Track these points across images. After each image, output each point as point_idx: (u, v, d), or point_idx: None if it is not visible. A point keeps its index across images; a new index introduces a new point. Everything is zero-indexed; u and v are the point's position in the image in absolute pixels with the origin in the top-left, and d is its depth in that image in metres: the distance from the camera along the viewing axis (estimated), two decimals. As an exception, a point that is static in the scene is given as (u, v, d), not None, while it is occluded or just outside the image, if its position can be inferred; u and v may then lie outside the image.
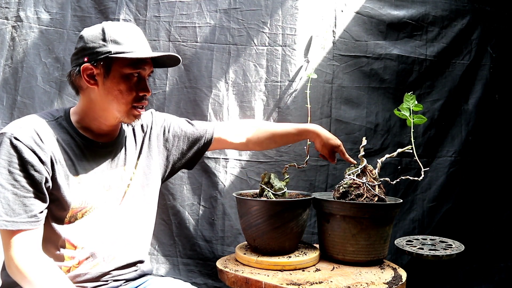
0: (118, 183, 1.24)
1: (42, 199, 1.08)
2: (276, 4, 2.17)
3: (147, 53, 1.17)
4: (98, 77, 1.13)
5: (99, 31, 1.13)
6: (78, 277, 1.15)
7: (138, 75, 1.17)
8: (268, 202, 1.52)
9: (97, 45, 1.12)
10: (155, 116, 1.41)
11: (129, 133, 1.32)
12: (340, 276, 1.43)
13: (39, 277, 1.03)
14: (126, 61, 1.13)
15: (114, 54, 1.11)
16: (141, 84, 1.18)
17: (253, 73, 2.17)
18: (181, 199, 2.14)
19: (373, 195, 1.55)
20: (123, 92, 1.14)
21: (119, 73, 1.13)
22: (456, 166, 2.28)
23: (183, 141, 1.43)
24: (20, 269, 1.02)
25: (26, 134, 1.06)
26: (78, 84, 1.17)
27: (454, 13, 2.29)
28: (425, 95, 2.28)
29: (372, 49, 2.23)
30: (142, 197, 1.30)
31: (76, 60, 1.15)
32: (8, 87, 2.03)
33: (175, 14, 2.14)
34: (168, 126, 1.41)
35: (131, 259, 1.26)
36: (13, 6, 2.04)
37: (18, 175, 1.04)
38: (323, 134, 1.57)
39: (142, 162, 1.32)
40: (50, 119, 1.15)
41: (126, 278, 1.26)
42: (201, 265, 2.14)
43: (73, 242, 1.14)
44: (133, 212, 1.27)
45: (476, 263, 2.28)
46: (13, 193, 1.04)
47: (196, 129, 1.46)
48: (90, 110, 1.18)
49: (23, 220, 1.04)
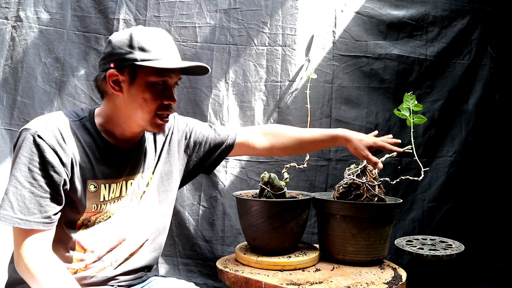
0: (134, 190, 1.22)
1: (58, 201, 1.07)
2: (276, 4, 2.17)
3: (174, 62, 1.14)
4: (123, 83, 1.11)
5: (126, 37, 1.11)
6: (84, 280, 1.15)
7: (164, 83, 1.14)
8: (268, 202, 1.52)
9: (124, 51, 1.09)
10: (177, 120, 1.37)
11: (151, 139, 1.29)
12: (340, 276, 1.43)
13: (47, 278, 1.02)
14: (152, 69, 1.10)
15: (140, 62, 1.08)
16: (166, 93, 1.14)
17: (253, 73, 2.17)
18: (181, 199, 2.14)
19: (373, 195, 1.55)
20: (148, 101, 1.11)
21: (144, 81, 1.11)
22: (456, 166, 2.28)
23: (204, 147, 1.39)
24: (29, 268, 1.02)
25: (50, 133, 1.05)
26: (103, 89, 1.15)
27: (454, 13, 2.29)
28: (425, 95, 2.28)
29: (372, 49, 2.23)
30: (158, 204, 1.28)
31: (103, 65, 1.13)
32: (8, 87, 2.03)
33: (175, 14, 2.14)
34: (190, 131, 1.38)
35: (139, 265, 1.25)
36: (13, 6, 2.04)
37: (37, 174, 1.03)
38: (354, 137, 1.42)
39: (160, 168, 1.29)
40: (74, 118, 1.14)
41: (131, 284, 1.25)
42: (201, 265, 2.14)
43: (83, 244, 1.13)
44: (146, 219, 1.25)
45: (476, 263, 2.28)
46: (30, 192, 1.03)
47: (218, 135, 1.41)
48: (114, 115, 1.16)
49: (37, 220, 1.03)
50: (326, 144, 1.49)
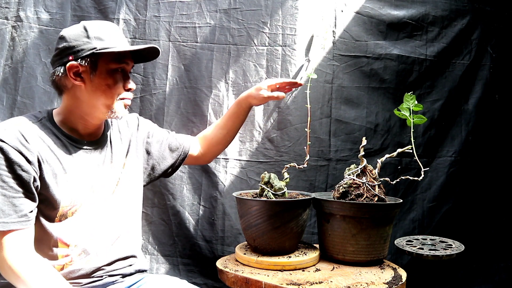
0: (106, 180, 1.26)
1: (31, 198, 1.09)
2: (276, 4, 2.17)
3: (129, 46, 1.21)
4: (84, 74, 1.16)
5: (81, 30, 1.17)
6: (72, 273, 1.16)
7: (122, 70, 1.21)
8: (268, 202, 1.52)
9: (81, 42, 1.15)
10: (140, 120, 1.48)
11: (114, 130, 1.36)
12: (340, 276, 1.43)
13: (32, 277, 1.03)
14: (110, 56, 1.17)
15: (99, 50, 1.14)
16: (126, 79, 1.22)
17: (253, 73, 2.17)
18: (181, 199, 2.14)
19: (373, 195, 1.55)
20: (111, 86, 1.18)
21: (105, 69, 1.17)
22: (456, 166, 2.28)
23: (164, 147, 1.49)
24: (13, 269, 1.03)
25: (11, 135, 1.07)
26: (62, 84, 1.20)
27: (454, 13, 2.29)
28: (425, 95, 2.28)
29: (372, 49, 2.23)
30: (130, 193, 1.34)
31: (59, 60, 1.17)
32: (8, 87, 2.03)
33: (175, 14, 2.14)
34: (152, 131, 1.48)
35: (123, 254, 1.28)
36: (13, 6, 2.04)
37: (6, 176, 1.05)
38: (250, 90, 1.60)
39: (130, 161, 1.36)
40: (33, 120, 1.17)
41: (121, 273, 1.27)
42: (201, 265, 2.14)
43: (65, 241, 1.15)
44: (121, 207, 1.30)
45: (476, 263, 2.28)
46: (2, 195, 1.04)
47: (175, 139, 1.54)
48: (77, 108, 1.21)
49: (14, 220, 1.05)
50: (237, 114, 1.61)
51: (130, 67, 1.25)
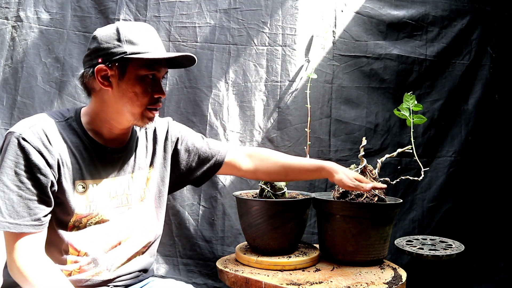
0: (124, 191, 1.20)
1: (46, 202, 1.06)
2: (276, 4, 2.17)
3: (163, 53, 1.13)
4: (113, 78, 1.10)
5: (113, 31, 1.10)
6: (79, 283, 1.14)
7: (153, 76, 1.13)
8: (268, 202, 1.52)
9: (112, 45, 1.08)
10: (171, 126, 1.35)
11: (141, 138, 1.27)
12: (340, 276, 1.43)
13: (41, 281, 1.02)
14: (141, 62, 1.10)
15: (129, 54, 1.07)
16: (156, 86, 1.14)
17: (253, 73, 2.17)
18: (181, 199, 2.14)
19: (373, 195, 1.55)
20: (138, 94, 1.11)
21: (135, 75, 1.10)
22: (456, 166, 2.28)
23: (193, 157, 1.37)
24: (22, 272, 1.01)
25: (34, 136, 1.04)
26: (91, 86, 1.14)
27: (454, 13, 2.29)
28: (425, 95, 2.28)
29: (372, 49, 2.23)
30: (155, 208, 1.27)
31: (90, 61, 1.12)
32: (8, 87, 2.03)
33: (175, 14, 2.15)
34: (182, 138, 1.35)
35: (135, 269, 1.24)
36: (13, 6, 2.04)
37: (24, 177, 1.02)
38: (340, 170, 1.38)
39: (156, 173, 1.28)
40: (60, 119, 1.12)
41: (126, 284, 1.24)
42: (201, 265, 2.14)
43: (76, 246, 1.12)
44: (141, 224, 1.24)
45: (476, 263, 2.28)
46: (18, 195, 1.02)
47: (209, 148, 1.39)
48: (102, 112, 1.14)
49: (27, 223, 1.02)
50: (311, 173, 1.44)
51: (162, 74, 1.16)
